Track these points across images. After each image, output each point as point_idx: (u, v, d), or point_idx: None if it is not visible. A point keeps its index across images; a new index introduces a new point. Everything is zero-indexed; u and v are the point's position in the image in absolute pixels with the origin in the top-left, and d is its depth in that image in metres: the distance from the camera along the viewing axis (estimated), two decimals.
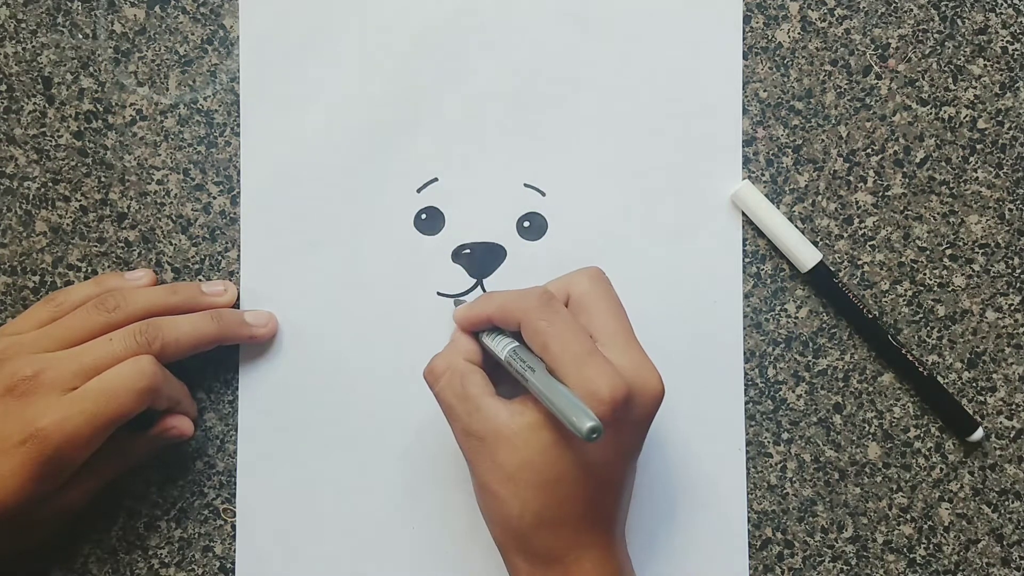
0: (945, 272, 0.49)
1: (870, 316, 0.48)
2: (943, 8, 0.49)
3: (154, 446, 0.45)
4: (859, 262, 0.48)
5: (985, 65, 0.49)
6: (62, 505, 0.43)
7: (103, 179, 0.48)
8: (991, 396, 0.49)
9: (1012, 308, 0.49)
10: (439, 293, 0.48)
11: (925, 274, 0.49)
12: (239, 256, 0.48)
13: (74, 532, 0.47)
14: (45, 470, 0.40)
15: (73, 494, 0.43)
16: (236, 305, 0.47)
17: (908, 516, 0.48)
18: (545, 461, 0.38)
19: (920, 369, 0.48)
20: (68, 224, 0.48)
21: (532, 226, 0.48)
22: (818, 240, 0.48)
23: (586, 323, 0.40)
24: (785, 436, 0.48)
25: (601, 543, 0.40)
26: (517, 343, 0.40)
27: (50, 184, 0.48)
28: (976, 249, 0.49)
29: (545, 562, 0.39)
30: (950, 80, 0.49)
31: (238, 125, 0.48)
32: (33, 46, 0.48)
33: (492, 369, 0.41)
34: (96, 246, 0.48)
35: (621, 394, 0.37)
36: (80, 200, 0.48)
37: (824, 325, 0.48)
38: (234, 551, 0.47)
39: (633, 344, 0.40)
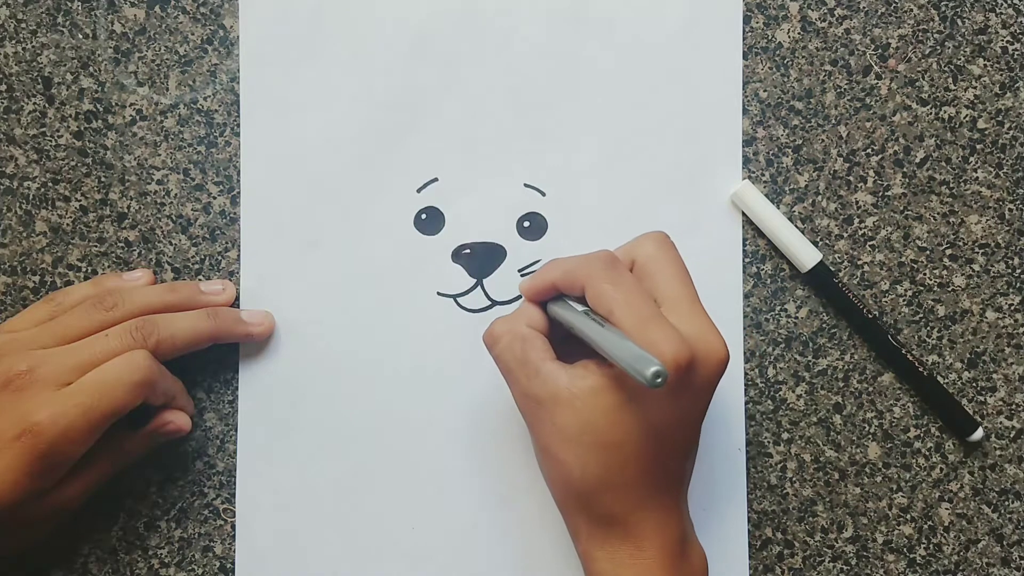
0: (945, 272, 0.49)
1: (870, 316, 0.48)
2: (943, 8, 0.49)
3: (151, 442, 0.45)
4: (859, 262, 0.49)
5: (985, 65, 0.49)
6: (58, 502, 0.43)
7: (103, 179, 0.48)
8: (991, 396, 0.49)
9: (1012, 308, 0.49)
10: (439, 293, 0.48)
11: (925, 274, 0.49)
12: (239, 256, 0.48)
13: (74, 532, 0.47)
14: (40, 465, 0.40)
15: (69, 491, 0.43)
16: (235, 304, 0.47)
17: (908, 516, 0.49)
18: (608, 423, 0.38)
19: (920, 369, 0.48)
20: (68, 224, 0.48)
21: (532, 226, 0.48)
22: (818, 240, 0.48)
23: (651, 288, 0.40)
24: (785, 436, 0.48)
25: (663, 506, 0.40)
26: (583, 307, 0.40)
27: (50, 184, 0.48)
28: (976, 249, 0.49)
29: (607, 523, 0.40)
30: (950, 80, 0.49)
31: (238, 125, 0.48)
32: (33, 46, 0.48)
33: (558, 342, 0.41)
34: (96, 246, 0.48)
35: (684, 358, 0.36)
36: (80, 200, 0.48)
37: (824, 325, 0.48)
38: (234, 551, 0.47)
39: (698, 309, 0.39)
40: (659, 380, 0.34)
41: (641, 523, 0.39)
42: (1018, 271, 0.49)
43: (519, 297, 0.48)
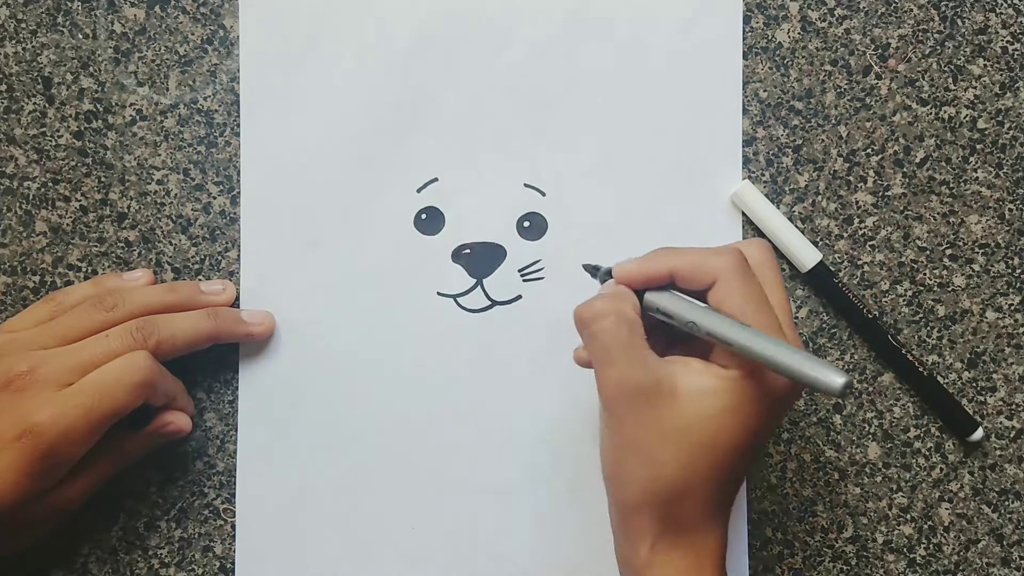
0: (945, 272, 0.49)
1: (870, 316, 0.48)
2: (943, 8, 0.49)
3: (152, 443, 0.45)
4: (859, 262, 0.49)
5: (985, 65, 0.49)
6: (58, 503, 0.43)
7: (103, 179, 0.48)
8: (991, 396, 0.49)
9: (1012, 308, 0.49)
10: (439, 293, 0.48)
11: (925, 274, 0.49)
12: (239, 256, 0.48)
13: (74, 532, 0.47)
14: (41, 466, 0.40)
15: (69, 492, 0.43)
16: (236, 304, 0.47)
17: (908, 516, 0.49)
18: (716, 426, 0.37)
19: (920, 369, 0.48)
20: (68, 224, 0.48)
21: (532, 226, 0.48)
22: (818, 240, 0.48)
23: None
24: (785, 436, 0.48)
25: (725, 521, 0.39)
26: (698, 304, 0.38)
27: (50, 184, 0.48)
28: (976, 249, 0.49)
29: (679, 531, 0.38)
30: (950, 80, 0.49)
31: (238, 125, 0.48)
32: (33, 46, 0.48)
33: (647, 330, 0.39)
34: (96, 246, 0.48)
35: None
36: (80, 200, 0.48)
37: (824, 325, 0.48)
38: (234, 551, 0.47)
39: (792, 325, 0.39)
40: (849, 391, 0.33)
41: (709, 535, 0.38)
42: (1018, 271, 0.49)
43: (519, 297, 0.48)
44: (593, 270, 0.43)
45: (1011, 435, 0.49)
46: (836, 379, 0.34)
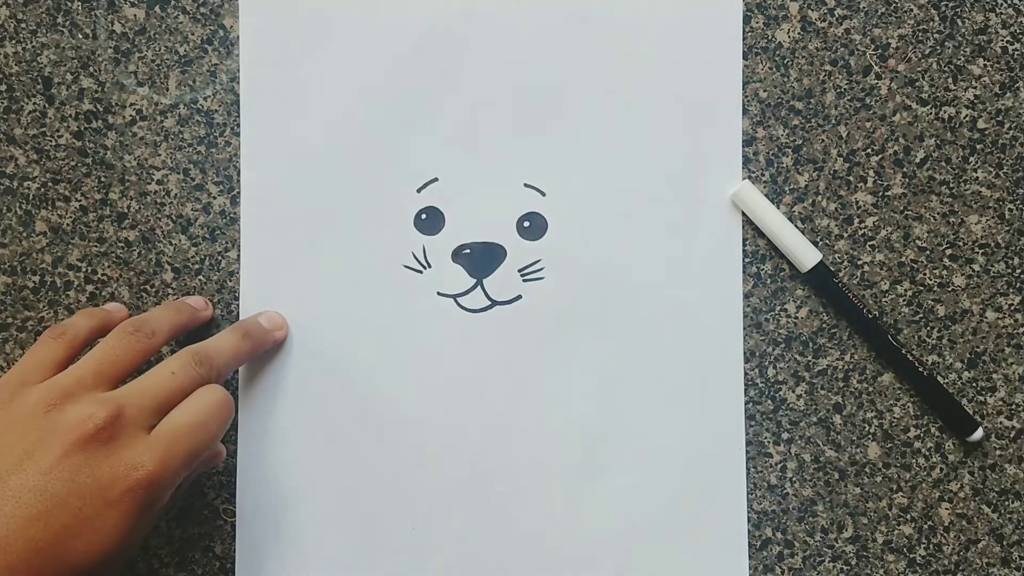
0: (945, 272, 0.49)
1: (870, 316, 0.48)
2: (943, 8, 0.49)
3: (194, 474, 0.45)
4: (859, 262, 0.49)
5: (985, 65, 0.49)
6: (132, 549, 0.40)
7: (103, 179, 0.48)
8: (991, 396, 0.49)
9: (1012, 308, 0.49)
10: (439, 293, 0.48)
11: (925, 274, 0.49)
12: (239, 256, 0.48)
13: None
14: (146, 516, 0.38)
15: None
16: (235, 309, 0.47)
17: (908, 516, 0.49)
18: None
19: (920, 369, 0.48)
20: (68, 224, 0.48)
21: (532, 226, 0.48)
22: (818, 240, 0.48)
23: None
24: (785, 436, 0.48)
25: None
26: None
27: (50, 184, 0.48)
28: (976, 249, 0.49)
29: None
30: (950, 80, 0.49)
31: (238, 125, 0.48)
32: (33, 46, 0.48)
33: None
34: (96, 246, 0.48)
35: None
36: (80, 200, 0.48)
37: (824, 325, 0.48)
38: (234, 551, 0.47)
39: None
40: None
41: None
42: (1018, 271, 0.49)
43: (519, 297, 0.48)
44: None
45: (1011, 435, 0.49)
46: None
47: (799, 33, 0.48)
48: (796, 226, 0.48)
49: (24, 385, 0.39)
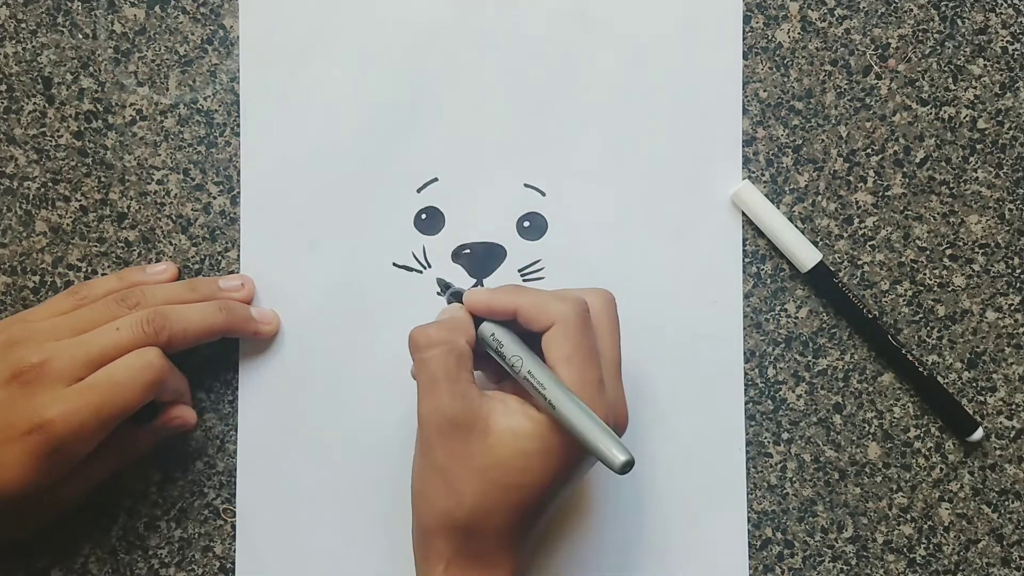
0: (945, 272, 0.49)
1: (870, 316, 0.48)
2: (943, 8, 0.49)
3: (157, 438, 0.45)
4: (859, 262, 0.49)
5: (985, 65, 0.49)
6: (61, 497, 0.43)
7: (103, 179, 0.48)
8: (991, 396, 0.49)
9: (1012, 308, 0.49)
10: (439, 293, 0.48)
11: (925, 274, 0.49)
12: (239, 256, 0.48)
13: (74, 532, 0.47)
14: (49, 461, 0.40)
15: (73, 486, 0.43)
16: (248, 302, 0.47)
17: (908, 516, 0.49)
18: (520, 467, 0.38)
19: (920, 369, 0.48)
20: (68, 224, 0.48)
21: (532, 226, 0.48)
22: (818, 240, 0.48)
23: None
24: (785, 436, 0.48)
25: (523, 549, 0.41)
26: (527, 348, 0.40)
27: (50, 184, 0.48)
28: (976, 249, 0.49)
29: (473, 557, 0.40)
30: (950, 80, 0.49)
31: (238, 125, 0.48)
32: (33, 46, 0.48)
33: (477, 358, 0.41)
34: (96, 246, 0.48)
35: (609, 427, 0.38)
36: (80, 200, 0.48)
37: (824, 325, 0.48)
38: (234, 551, 0.47)
39: (619, 378, 0.41)
40: (628, 469, 0.36)
41: (503, 564, 0.40)
42: (1018, 271, 0.49)
43: None
44: (444, 286, 0.45)
45: (1011, 435, 0.49)
46: (618, 456, 0.36)
47: (799, 33, 0.48)
48: (796, 226, 0.48)
49: (21, 321, 0.43)
